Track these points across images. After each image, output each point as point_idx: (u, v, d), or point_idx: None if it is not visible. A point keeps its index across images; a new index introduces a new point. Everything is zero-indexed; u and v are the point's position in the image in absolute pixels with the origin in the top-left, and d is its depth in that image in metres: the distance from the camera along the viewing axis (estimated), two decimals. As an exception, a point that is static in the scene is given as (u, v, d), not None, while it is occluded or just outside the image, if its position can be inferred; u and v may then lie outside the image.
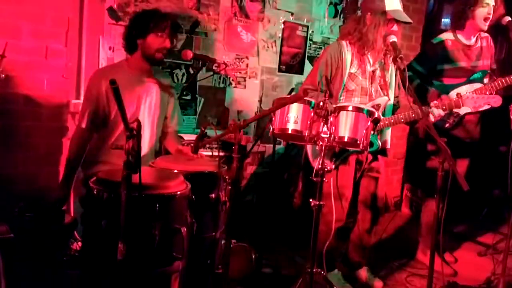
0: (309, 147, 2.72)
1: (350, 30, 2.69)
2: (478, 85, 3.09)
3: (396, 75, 2.82)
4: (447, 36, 3.25)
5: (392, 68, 2.79)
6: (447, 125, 3.21)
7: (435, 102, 2.68)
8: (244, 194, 3.97)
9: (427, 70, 3.25)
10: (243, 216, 3.69)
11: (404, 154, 4.96)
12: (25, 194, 2.72)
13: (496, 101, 2.69)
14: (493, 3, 3.06)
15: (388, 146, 2.80)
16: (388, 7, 2.56)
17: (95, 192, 1.71)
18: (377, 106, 2.67)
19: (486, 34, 3.31)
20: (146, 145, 2.55)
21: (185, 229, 1.75)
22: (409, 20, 2.62)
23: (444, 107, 2.65)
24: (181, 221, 1.79)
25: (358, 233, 2.95)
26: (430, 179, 3.01)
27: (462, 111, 3.10)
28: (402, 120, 2.67)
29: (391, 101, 2.78)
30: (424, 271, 3.12)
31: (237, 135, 1.79)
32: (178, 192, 1.79)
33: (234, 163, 1.79)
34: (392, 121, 2.69)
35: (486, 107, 2.76)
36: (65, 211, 2.28)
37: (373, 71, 2.72)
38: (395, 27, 2.60)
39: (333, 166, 2.65)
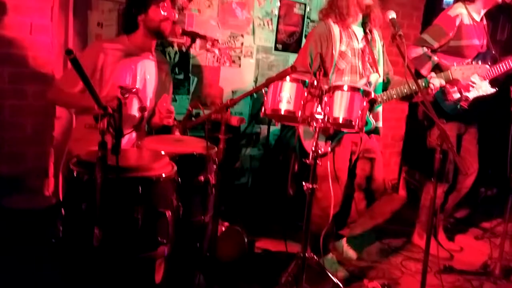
0: (301, 128, 2.64)
1: (329, 8, 2.68)
2: (484, 67, 3.01)
3: (383, 51, 2.77)
4: (461, 9, 3.06)
5: (379, 44, 2.75)
6: (459, 106, 3.08)
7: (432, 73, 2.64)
8: (239, 176, 3.91)
9: (440, 45, 3.08)
10: (237, 198, 3.64)
11: (402, 136, 4.88)
12: (11, 175, 2.65)
13: (482, 70, 2.66)
14: None
15: (380, 124, 2.74)
16: None
17: (75, 174, 1.64)
18: (368, 84, 2.61)
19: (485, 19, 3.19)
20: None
21: (169, 213, 1.68)
22: None
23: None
24: (165, 204, 1.71)
25: (355, 214, 2.90)
26: (429, 161, 2.98)
27: (471, 95, 3.03)
28: (395, 96, 2.61)
29: (381, 78, 2.72)
30: (419, 255, 3.08)
31: (224, 115, 1.71)
32: (163, 175, 1.71)
33: (220, 144, 1.71)
34: (385, 98, 2.63)
35: (476, 79, 2.76)
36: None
37: (362, 49, 2.66)
38: None
39: (329, 149, 2.57)
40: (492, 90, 3.06)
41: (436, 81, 2.59)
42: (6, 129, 2.64)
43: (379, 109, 2.72)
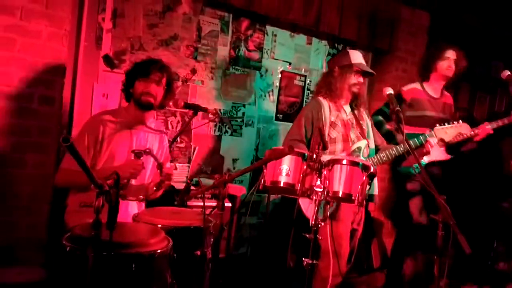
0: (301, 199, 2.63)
1: (322, 85, 2.92)
2: (466, 125, 3.16)
3: (372, 125, 2.99)
4: (415, 85, 3.44)
5: (367, 120, 2.95)
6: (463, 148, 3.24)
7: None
8: (238, 246, 3.82)
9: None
10: (236, 269, 3.54)
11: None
12: (3, 246, 2.59)
13: (465, 128, 2.96)
14: (454, 57, 3.35)
15: (375, 192, 2.80)
16: (353, 61, 2.83)
17: (67, 250, 1.60)
18: (358, 149, 2.76)
19: (449, 94, 3.52)
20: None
21: (163, 292, 1.62)
22: (372, 71, 2.91)
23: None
24: (160, 282, 1.66)
25: None
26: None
27: (426, 159, 3.02)
28: (385, 158, 2.79)
29: (372, 146, 2.88)
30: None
31: (222, 190, 1.69)
32: (158, 250, 1.67)
33: (218, 219, 1.68)
34: (375, 161, 2.80)
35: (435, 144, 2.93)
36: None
37: (350, 120, 2.85)
38: (361, 79, 2.85)
39: (328, 213, 2.56)
40: (444, 157, 3.05)
41: (433, 139, 2.85)
42: (2, 198, 2.62)
43: (374, 179, 2.74)
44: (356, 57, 2.86)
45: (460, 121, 2.97)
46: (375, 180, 2.76)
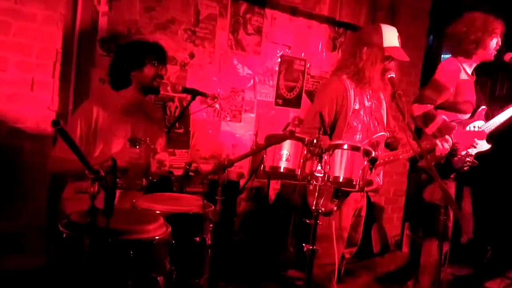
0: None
1: (347, 63, 2.57)
2: (481, 123, 3.01)
3: (387, 108, 2.76)
4: (458, 64, 3.00)
5: (384, 103, 2.71)
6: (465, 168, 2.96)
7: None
8: (238, 232, 3.81)
9: (441, 101, 2.97)
10: (235, 256, 3.54)
11: (404, 191, 4.81)
12: (6, 231, 2.58)
13: (481, 135, 2.81)
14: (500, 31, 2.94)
15: (380, 182, 2.67)
16: (386, 44, 2.48)
17: (64, 236, 1.57)
18: (376, 143, 2.55)
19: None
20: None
21: (162, 278, 1.60)
22: (407, 58, 2.51)
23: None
24: (158, 269, 1.64)
25: None
26: (429, 218, 2.92)
27: (473, 151, 2.92)
28: (401, 157, 2.58)
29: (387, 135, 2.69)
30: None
31: (221, 175, 1.66)
32: (157, 237, 1.65)
33: (217, 205, 1.66)
34: (392, 158, 2.59)
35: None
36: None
37: (370, 106, 2.62)
38: (392, 64, 2.52)
39: (335, 208, 2.51)
40: (488, 146, 3.03)
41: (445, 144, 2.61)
42: (2, 185, 2.59)
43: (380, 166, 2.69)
44: (390, 37, 2.49)
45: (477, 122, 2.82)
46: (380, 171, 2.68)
